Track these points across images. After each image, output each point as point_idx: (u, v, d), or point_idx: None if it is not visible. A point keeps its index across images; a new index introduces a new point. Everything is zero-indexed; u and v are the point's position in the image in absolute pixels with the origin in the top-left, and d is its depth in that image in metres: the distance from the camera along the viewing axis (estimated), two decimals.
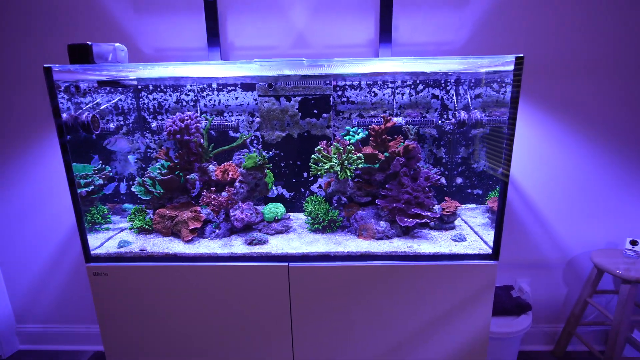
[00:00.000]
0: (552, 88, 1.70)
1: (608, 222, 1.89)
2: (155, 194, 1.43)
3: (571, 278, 1.99)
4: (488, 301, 1.31)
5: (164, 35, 1.70)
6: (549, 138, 1.76)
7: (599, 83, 1.69)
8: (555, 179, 1.82)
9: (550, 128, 1.75)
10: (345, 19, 1.67)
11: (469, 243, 1.37)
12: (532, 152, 1.78)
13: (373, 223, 1.41)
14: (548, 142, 1.77)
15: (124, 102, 1.64)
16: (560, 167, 1.80)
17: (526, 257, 1.98)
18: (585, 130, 1.75)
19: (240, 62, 1.24)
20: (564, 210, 1.87)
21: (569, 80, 1.69)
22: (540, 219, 1.90)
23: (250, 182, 1.42)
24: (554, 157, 1.78)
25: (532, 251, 1.95)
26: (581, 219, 1.88)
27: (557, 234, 1.92)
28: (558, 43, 1.65)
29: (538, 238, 1.93)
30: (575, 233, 1.91)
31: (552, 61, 1.67)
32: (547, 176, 1.82)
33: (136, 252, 1.33)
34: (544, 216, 1.89)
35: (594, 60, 1.66)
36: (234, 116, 1.69)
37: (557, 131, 1.75)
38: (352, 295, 1.31)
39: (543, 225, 1.91)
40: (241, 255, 1.32)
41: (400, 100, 1.69)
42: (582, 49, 1.65)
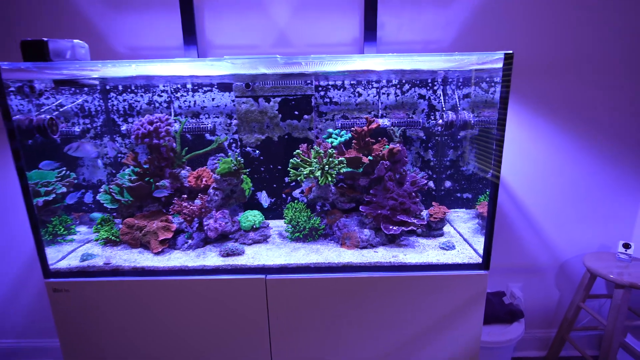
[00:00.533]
0: (542, 87, 1.64)
1: (600, 225, 1.84)
2: (123, 202, 1.32)
3: (563, 282, 1.94)
4: (479, 312, 1.24)
5: (139, 33, 1.60)
6: (540, 139, 1.70)
7: (589, 82, 1.63)
8: (547, 181, 1.76)
9: (541, 128, 1.69)
10: (329, 16, 1.59)
11: (458, 251, 1.30)
12: (522, 153, 1.72)
13: (357, 231, 1.33)
14: (539, 143, 1.71)
15: (90, 103, 1.53)
16: (551, 169, 1.74)
17: (518, 262, 1.92)
18: (576, 131, 1.70)
19: (210, 59, 1.15)
20: (555, 213, 1.82)
21: (559, 80, 1.63)
22: (532, 222, 1.85)
23: (225, 188, 1.33)
24: (545, 159, 1.73)
25: (523, 255, 1.90)
26: (573, 222, 1.83)
27: (549, 237, 1.87)
28: (548, 41, 1.59)
29: (529, 242, 1.88)
30: (567, 236, 1.86)
31: (542, 59, 1.61)
32: (538, 178, 1.76)
33: (100, 266, 1.23)
34: (535, 219, 1.84)
35: (584, 58, 1.61)
36: (211, 118, 1.60)
37: (548, 132, 1.69)
38: (335, 308, 1.23)
39: (534, 229, 1.86)
40: (214, 268, 1.22)
41: (385, 100, 1.62)
42: (572, 48, 1.60)
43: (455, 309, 1.23)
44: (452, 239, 1.39)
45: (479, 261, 1.22)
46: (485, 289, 1.22)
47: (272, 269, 1.23)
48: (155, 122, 1.28)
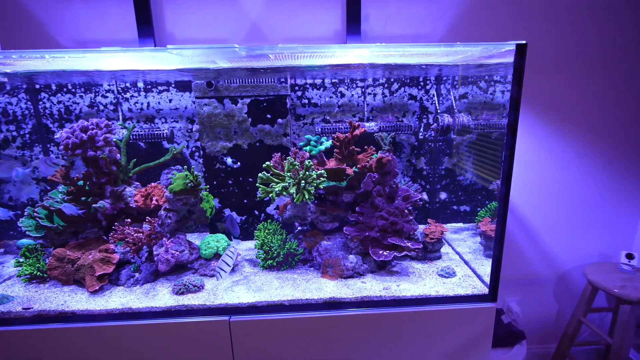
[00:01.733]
0: (542, 90, 1.47)
1: (601, 234, 1.71)
2: (52, 228, 1.07)
3: (563, 294, 1.80)
4: (485, 348, 1.05)
5: (88, 24, 1.35)
6: (538, 145, 1.55)
7: (591, 86, 1.48)
8: (545, 189, 1.62)
9: (539, 135, 1.53)
10: (307, 7, 1.39)
11: (460, 279, 1.10)
12: (519, 160, 1.55)
13: (340, 257, 1.12)
14: (537, 150, 1.55)
15: (16, 105, 1.26)
16: (549, 176, 1.60)
17: (514, 273, 1.77)
18: (576, 139, 1.55)
19: (149, 49, 0.91)
20: (554, 222, 1.67)
21: (558, 82, 1.47)
22: (529, 231, 1.70)
23: (180, 209, 1.09)
24: (543, 166, 1.58)
25: (520, 266, 1.75)
26: (573, 231, 1.69)
27: (548, 247, 1.73)
28: (549, 38, 1.42)
29: (527, 252, 1.73)
30: (567, 246, 1.72)
31: (540, 58, 1.44)
32: (536, 185, 1.61)
33: (19, 312, 0.97)
34: (532, 228, 1.69)
35: (584, 58, 1.45)
36: (168, 123, 1.35)
37: (546, 138, 1.54)
38: (316, 353, 1.01)
39: (532, 238, 1.71)
40: (165, 309, 0.98)
41: (372, 101, 1.41)
42: (573, 46, 1.44)
43: (459, 347, 1.03)
44: (451, 263, 1.19)
45: (485, 291, 1.03)
46: (493, 322, 1.03)
47: (237, 309, 1.00)
48: (90, 128, 1.04)
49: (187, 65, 1.05)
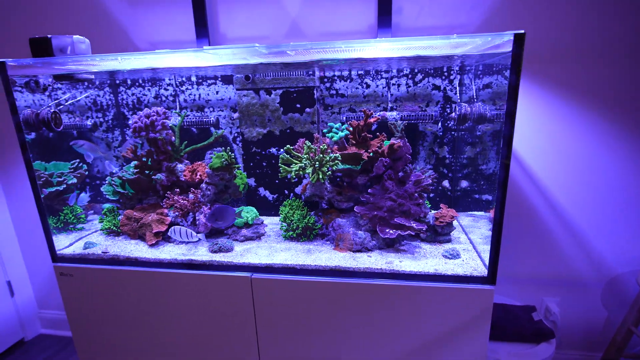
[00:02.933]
0: (589, 78, 1.40)
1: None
2: (125, 194, 1.37)
3: (612, 300, 1.67)
4: (482, 332, 1.09)
5: (158, 29, 1.64)
6: (581, 134, 1.46)
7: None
8: (592, 184, 1.51)
9: (583, 122, 1.44)
10: (343, 3, 1.49)
11: (463, 261, 1.15)
12: (559, 151, 1.49)
13: (351, 233, 1.24)
14: (580, 139, 1.47)
15: (102, 97, 1.60)
16: (596, 169, 1.49)
17: (555, 273, 1.69)
18: (627, 126, 1.43)
19: (191, 50, 1.12)
20: (603, 221, 1.56)
21: (612, 68, 1.37)
22: (573, 229, 1.61)
23: (218, 183, 1.31)
24: (588, 156, 1.48)
25: (563, 266, 1.67)
26: (625, 233, 1.56)
27: (595, 248, 1.62)
28: (593, 24, 1.34)
29: (571, 251, 1.64)
30: (618, 248, 1.60)
31: (589, 45, 1.37)
32: (581, 179, 1.52)
33: (99, 255, 1.28)
34: (577, 226, 1.60)
35: None
36: (215, 112, 1.59)
37: (600, 131, 1.44)
38: (321, 313, 1.16)
39: (576, 237, 1.62)
40: (201, 263, 1.21)
41: (396, 92, 1.49)
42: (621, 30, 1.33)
43: (454, 326, 1.10)
44: (459, 247, 1.24)
45: (484, 274, 1.07)
46: (491, 306, 1.07)
47: (258, 268, 1.19)
48: (152, 115, 1.30)
49: (232, 61, 1.24)
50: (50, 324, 2.27)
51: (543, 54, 1.42)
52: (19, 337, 2.17)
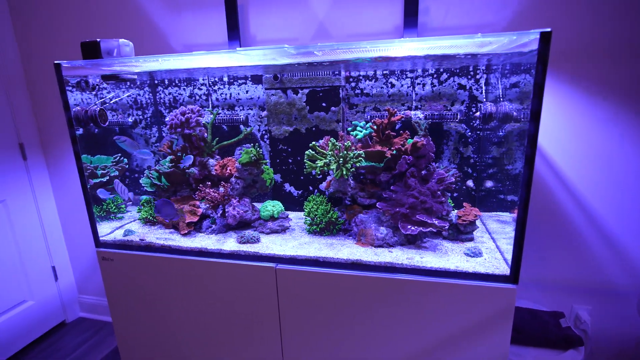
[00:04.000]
0: (621, 76, 1.35)
1: None
2: (161, 186, 1.47)
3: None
4: (503, 332, 1.09)
5: (192, 32, 1.74)
6: (614, 134, 1.41)
7: None
8: (626, 185, 1.46)
9: (617, 124, 1.40)
10: (369, 4, 1.53)
11: (485, 259, 1.15)
12: (591, 151, 1.44)
13: (373, 228, 1.27)
14: (613, 139, 1.42)
15: (142, 96, 1.72)
16: (630, 170, 1.43)
17: (586, 280, 1.63)
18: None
19: (224, 51, 1.19)
20: (638, 225, 1.49)
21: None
22: (606, 233, 1.55)
23: (246, 177, 1.38)
24: (621, 157, 1.43)
25: (595, 273, 1.61)
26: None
27: (630, 254, 1.55)
28: (623, 22, 1.30)
29: (603, 258, 1.58)
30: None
31: (619, 43, 1.32)
32: (614, 181, 1.46)
33: (136, 242, 1.38)
34: (611, 230, 1.54)
35: None
36: (244, 110, 1.67)
37: (623, 126, 1.40)
38: (343, 305, 1.20)
39: (610, 242, 1.56)
40: (229, 252, 1.28)
41: (420, 91, 1.50)
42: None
43: (475, 324, 1.10)
44: (481, 245, 1.24)
45: (507, 273, 1.07)
46: (513, 306, 1.07)
47: (282, 259, 1.24)
48: (187, 113, 1.39)
49: (262, 62, 1.31)
50: (88, 308, 2.44)
51: (572, 52, 1.39)
52: (61, 318, 2.34)
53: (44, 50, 1.94)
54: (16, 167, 2.00)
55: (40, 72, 1.98)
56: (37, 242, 2.14)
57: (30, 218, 2.09)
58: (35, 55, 1.96)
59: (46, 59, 1.95)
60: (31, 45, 1.95)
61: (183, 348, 1.43)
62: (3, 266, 1.95)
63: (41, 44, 1.93)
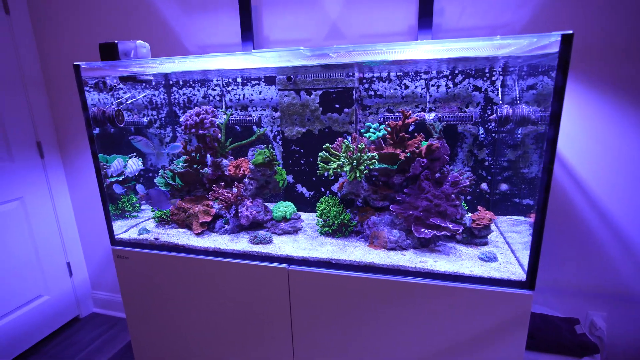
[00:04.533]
0: None
1: None
2: (175, 186, 1.48)
3: None
4: (519, 339, 1.07)
5: (206, 33, 1.75)
6: (631, 137, 1.38)
7: None
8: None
9: (635, 126, 1.36)
10: (383, 5, 1.52)
11: (500, 264, 1.14)
12: (608, 154, 1.42)
13: (386, 231, 1.26)
14: (631, 143, 1.39)
15: (157, 97, 1.74)
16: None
17: (602, 286, 1.60)
18: None
19: (240, 53, 1.20)
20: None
21: None
22: (624, 238, 1.52)
23: (259, 178, 1.38)
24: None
25: (611, 278, 1.58)
26: None
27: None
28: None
29: (621, 264, 1.55)
30: None
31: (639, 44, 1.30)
32: (633, 185, 1.43)
33: (151, 240, 1.40)
34: (628, 235, 1.50)
35: None
36: (257, 111, 1.67)
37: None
38: (355, 307, 1.20)
39: (628, 246, 1.52)
40: (242, 252, 1.29)
41: (435, 93, 1.49)
42: None
43: (489, 330, 1.09)
44: (496, 250, 1.23)
45: (523, 279, 1.06)
46: (529, 312, 1.05)
47: (294, 260, 1.25)
48: (201, 114, 1.40)
49: (277, 64, 1.31)
50: (101, 304, 2.48)
51: (590, 53, 1.36)
52: (75, 314, 2.39)
53: (61, 51, 1.98)
54: (34, 165, 2.04)
55: (58, 72, 2.02)
56: (53, 239, 2.18)
57: (46, 215, 2.13)
58: (52, 56, 2.00)
59: (63, 60, 1.99)
60: (49, 46, 1.99)
61: (194, 346, 1.45)
62: (20, 262, 2.00)
63: (58, 45, 1.97)
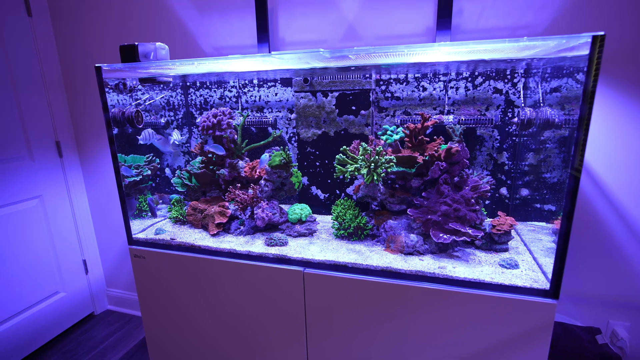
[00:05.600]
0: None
1: None
2: (191, 186, 1.49)
3: None
4: (541, 350, 1.04)
5: (222, 34, 1.76)
6: None
7: None
8: None
9: None
10: (400, 6, 1.51)
11: (522, 272, 1.11)
12: (634, 159, 1.37)
13: (403, 235, 1.25)
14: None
15: (174, 98, 1.75)
16: None
17: (625, 295, 1.55)
18: None
19: (260, 55, 1.19)
20: None
21: None
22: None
23: (275, 180, 1.38)
24: None
25: (635, 287, 1.52)
26: None
27: None
28: None
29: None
30: None
31: None
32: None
33: (167, 240, 1.41)
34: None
35: None
36: (273, 112, 1.67)
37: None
38: (370, 312, 1.18)
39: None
40: (258, 254, 1.29)
41: (454, 95, 1.46)
42: None
43: (510, 340, 1.06)
44: (517, 257, 1.19)
45: (546, 287, 1.02)
46: (552, 322, 1.02)
47: (310, 263, 1.24)
48: (218, 115, 1.40)
49: (296, 65, 1.31)
50: (115, 301, 2.52)
51: (617, 55, 1.32)
52: (90, 310, 2.43)
53: (79, 52, 2.01)
54: (52, 164, 2.08)
55: (76, 73, 2.06)
56: (70, 236, 2.22)
57: (64, 213, 2.17)
58: (71, 57, 2.04)
59: (81, 61, 2.03)
60: (68, 48, 2.03)
61: (208, 346, 1.45)
62: (39, 258, 2.04)
63: (77, 46, 2.01)
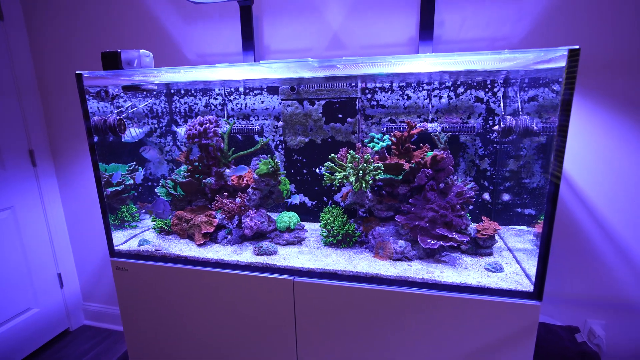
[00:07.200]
0: (632, 88, 1.36)
1: None
2: (176, 195, 1.46)
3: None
4: (526, 350, 1.07)
5: (206, 41, 1.75)
6: (633, 149, 1.41)
7: None
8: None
9: (636, 138, 1.40)
10: (384, 16, 1.54)
11: (507, 275, 1.14)
12: (608, 166, 1.44)
13: (391, 241, 1.26)
14: (632, 154, 1.42)
15: (158, 105, 1.72)
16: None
17: (601, 294, 1.62)
18: None
19: (248, 64, 1.19)
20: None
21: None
22: (623, 248, 1.54)
23: (263, 188, 1.37)
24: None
25: (609, 286, 1.59)
26: None
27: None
28: None
29: (619, 270, 1.57)
30: None
31: None
32: (632, 196, 1.46)
33: (152, 252, 1.37)
34: (627, 245, 1.53)
35: None
36: (259, 120, 1.67)
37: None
38: (361, 320, 1.18)
39: (626, 255, 1.55)
40: (246, 264, 1.27)
41: (437, 104, 1.50)
42: None
43: (497, 342, 1.09)
44: (502, 260, 1.23)
45: (530, 289, 1.06)
46: (537, 323, 1.05)
47: (299, 272, 1.23)
48: (204, 123, 1.39)
49: (284, 74, 1.32)
50: (93, 316, 2.41)
51: (590, 66, 1.40)
52: (65, 326, 2.31)
53: (56, 58, 1.94)
54: (25, 174, 1.99)
55: (52, 79, 1.99)
56: (43, 249, 2.12)
57: (38, 225, 2.07)
58: (47, 63, 1.97)
59: (57, 66, 1.96)
60: (44, 53, 1.96)
61: (194, 359, 1.41)
62: (9, 273, 1.93)
63: (53, 52, 1.94)
